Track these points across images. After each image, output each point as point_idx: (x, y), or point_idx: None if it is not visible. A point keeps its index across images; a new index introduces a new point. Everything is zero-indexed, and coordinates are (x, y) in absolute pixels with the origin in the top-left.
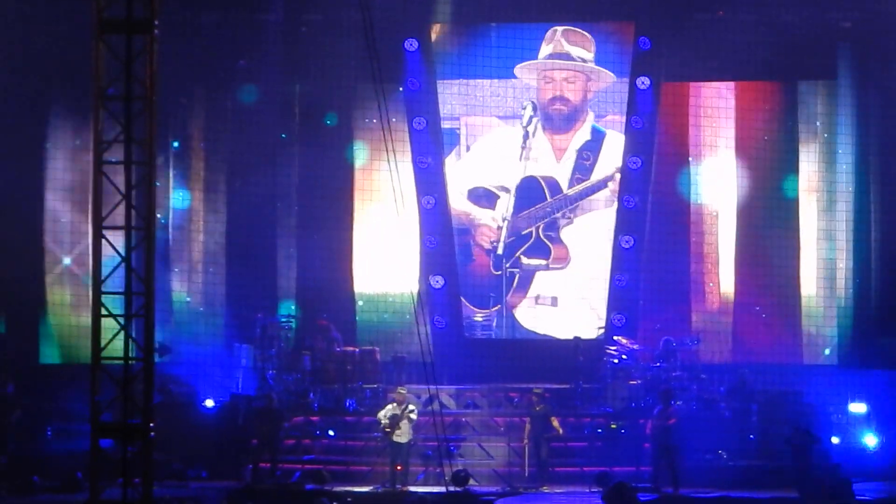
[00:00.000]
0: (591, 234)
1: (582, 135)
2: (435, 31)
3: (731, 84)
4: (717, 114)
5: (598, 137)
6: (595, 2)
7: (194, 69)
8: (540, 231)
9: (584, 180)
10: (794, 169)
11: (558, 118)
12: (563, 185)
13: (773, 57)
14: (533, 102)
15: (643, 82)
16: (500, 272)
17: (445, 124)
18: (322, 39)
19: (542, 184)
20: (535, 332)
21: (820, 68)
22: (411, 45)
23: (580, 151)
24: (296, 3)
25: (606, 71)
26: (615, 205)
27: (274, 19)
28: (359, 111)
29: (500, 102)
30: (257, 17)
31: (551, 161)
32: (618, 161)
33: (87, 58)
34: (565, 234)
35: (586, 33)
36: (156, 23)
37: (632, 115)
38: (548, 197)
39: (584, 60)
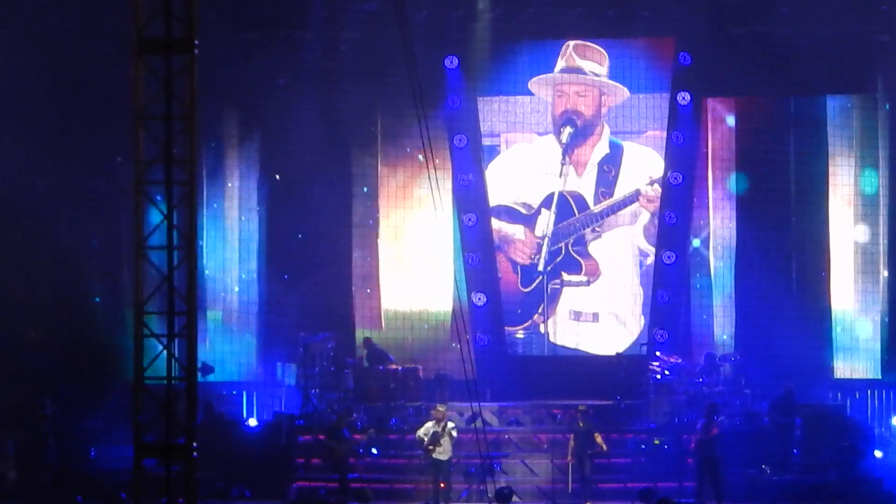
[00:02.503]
0: (619, 248)
1: (601, 148)
2: (475, 49)
3: (766, 98)
4: (752, 128)
5: (616, 150)
6: (634, 18)
7: (232, 87)
8: (569, 246)
9: (608, 193)
10: (825, 182)
11: (567, 135)
12: (589, 199)
13: (810, 71)
14: (573, 120)
15: (683, 98)
16: (528, 289)
17: (486, 141)
18: (361, 57)
19: (570, 199)
20: (570, 348)
21: (857, 82)
22: (451, 62)
23: (601, 165)
24: (334, 22)
25: (620, 86)
26: (641, 218)
27: (312, 37)
28: (398, 129)
29: (541, 119)
30: (296, 35)
31: (573, 176)
32: (643, 172)
33: (124, 76)
34: (593, 248)
35: (599, 47)
36: (196, 42)
37: (672, 130)
38: (576, 212)
39: (596, 75)
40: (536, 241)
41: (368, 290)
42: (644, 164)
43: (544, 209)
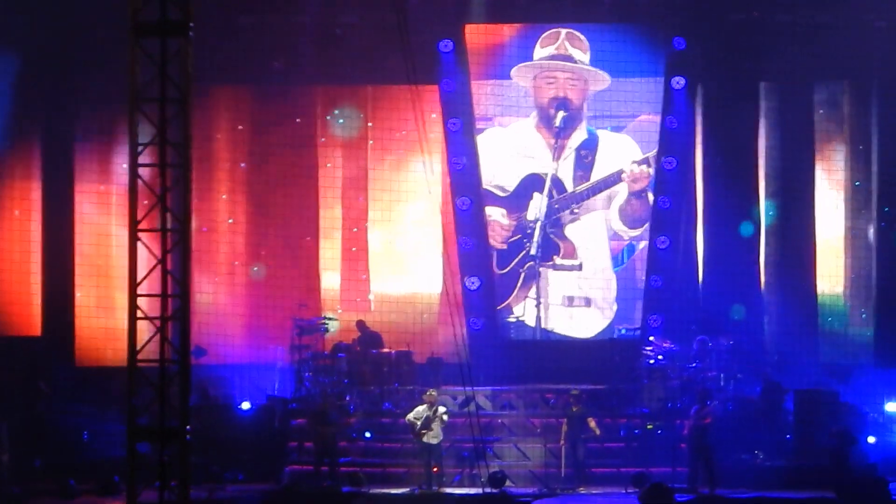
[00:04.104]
0: (595, 231)
1: (579, 134)
2: (469, 32)
3: (762, 84)
4: (746, 114)
5: (592, 137)
6: (629, 2)
7: (229, 71)
8: (546, 229)
9: (586, 178)
10: (812, 168)
11: (560, 119)
12: (568, 183)
13: (804, 56)
14: (565, 104)
15: (678, 82)
16: (504, 271)
17: (479, 125)
18: (357, 41)
19: (549, 182)
20: (548, 331)
21: (851, 68)
22: (446, 46)
23: (578, 150)
24: (330, 5)
25: (602, 72)
26: (617, 199)
27: (309, 21)
28: (392, 112)
29: (532, 103)
30: (292, 19)
31: (549, 159)
32: (618, 158)
33: (116, 58)
34: (569, 231)
35: (582, 35)
36: (191, 25)
37: (666, 115)
38: (555, 195)
39: (583, 63)
40: (516, 223)
41: (358, 273)
42: (620, 151)
43: (536, 193)
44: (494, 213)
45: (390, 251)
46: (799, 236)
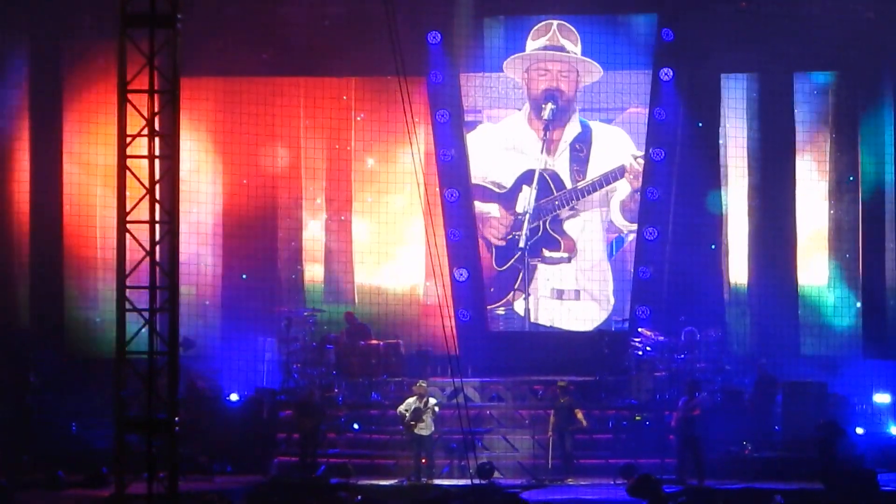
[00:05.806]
0: (595, 226)
1: (572, 128)
2: (458, 25)
3: (748, 75)
4: (733, 104)
5: (586, 130)
6: None
7: (215, 62)
8: (547, 224)
9: (581, 172)
10: (793, 159)
11: (549, 112)
12: (565, 177)
13: (794, 48)
14: (555, 97)
15: (666, 73)
16: (503, 268)
17: (468, 117)
18: (344, 32)
19: (547, 177)
20: (547, 326)
21: (841, 59)
22: (434, 37)
23: (572, 144)
24: None
25: (595, 64)
26: (617, 194)
27: (297, 12)
28: (379, 104)
29: (522, 95)
30: (279, 10)
31: (544, 154)
32: (613, 152)
33: (105, 49)
34: (569, 226)
35: (572, 27)
36: (179, 17)
37: (655, 106)
38: (553, 190)
39: (575, 54)
40: (513, 219)
41: (342, 265)
42: (614, 143)
43: (525, 186)
44: (492, 210)
45: (375, 242)
46: (780, 227)
